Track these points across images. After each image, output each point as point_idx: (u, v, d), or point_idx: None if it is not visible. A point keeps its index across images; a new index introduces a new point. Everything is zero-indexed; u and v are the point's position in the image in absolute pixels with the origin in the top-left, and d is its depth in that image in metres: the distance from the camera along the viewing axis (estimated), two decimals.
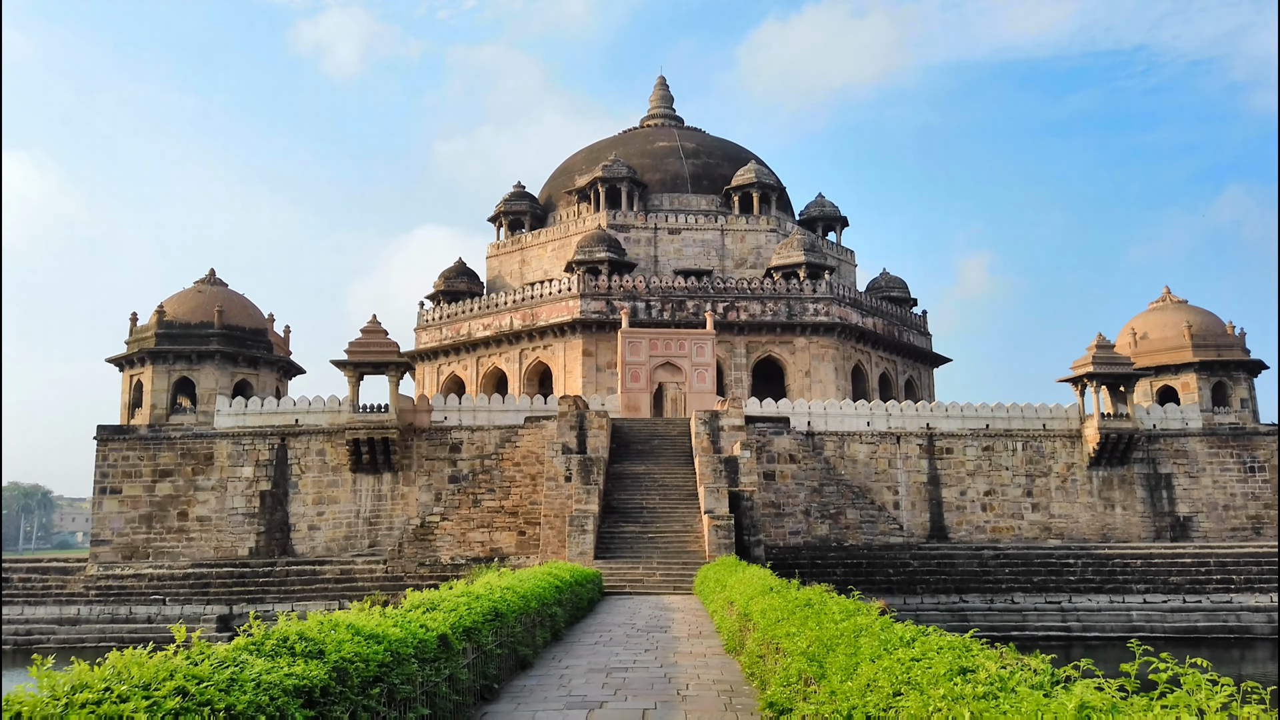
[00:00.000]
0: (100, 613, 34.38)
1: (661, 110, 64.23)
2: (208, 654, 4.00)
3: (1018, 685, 3.01)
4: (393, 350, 38.11)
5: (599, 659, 10.35)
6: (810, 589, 8.06)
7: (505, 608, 8.69)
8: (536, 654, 10.33)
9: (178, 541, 36.92)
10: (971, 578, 35.07)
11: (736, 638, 9.95)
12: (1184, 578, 34.80)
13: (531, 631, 10.17)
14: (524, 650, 9.39)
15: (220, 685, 3.54)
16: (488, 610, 7.98)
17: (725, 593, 12.45)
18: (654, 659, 10.31)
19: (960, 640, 4.09)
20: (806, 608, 7.10)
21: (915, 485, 39.71)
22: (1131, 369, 40.63)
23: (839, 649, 4.89)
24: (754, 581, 10.96)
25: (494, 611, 8.15)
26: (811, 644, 5.43)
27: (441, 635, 6.20)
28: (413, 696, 5.21)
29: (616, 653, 10.89)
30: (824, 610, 6.43)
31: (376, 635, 5.15)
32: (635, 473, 29.71)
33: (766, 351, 48.05)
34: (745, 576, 12.34)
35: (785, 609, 7.40)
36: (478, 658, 7.35)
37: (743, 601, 9.91)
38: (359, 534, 37.46)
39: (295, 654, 4.36)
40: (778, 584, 9.77)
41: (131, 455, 37.48)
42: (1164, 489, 40.57)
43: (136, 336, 39.51)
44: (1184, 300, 46.09)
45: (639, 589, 21.92)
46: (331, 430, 37.77)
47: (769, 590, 9.40)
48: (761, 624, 7.84)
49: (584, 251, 48.89)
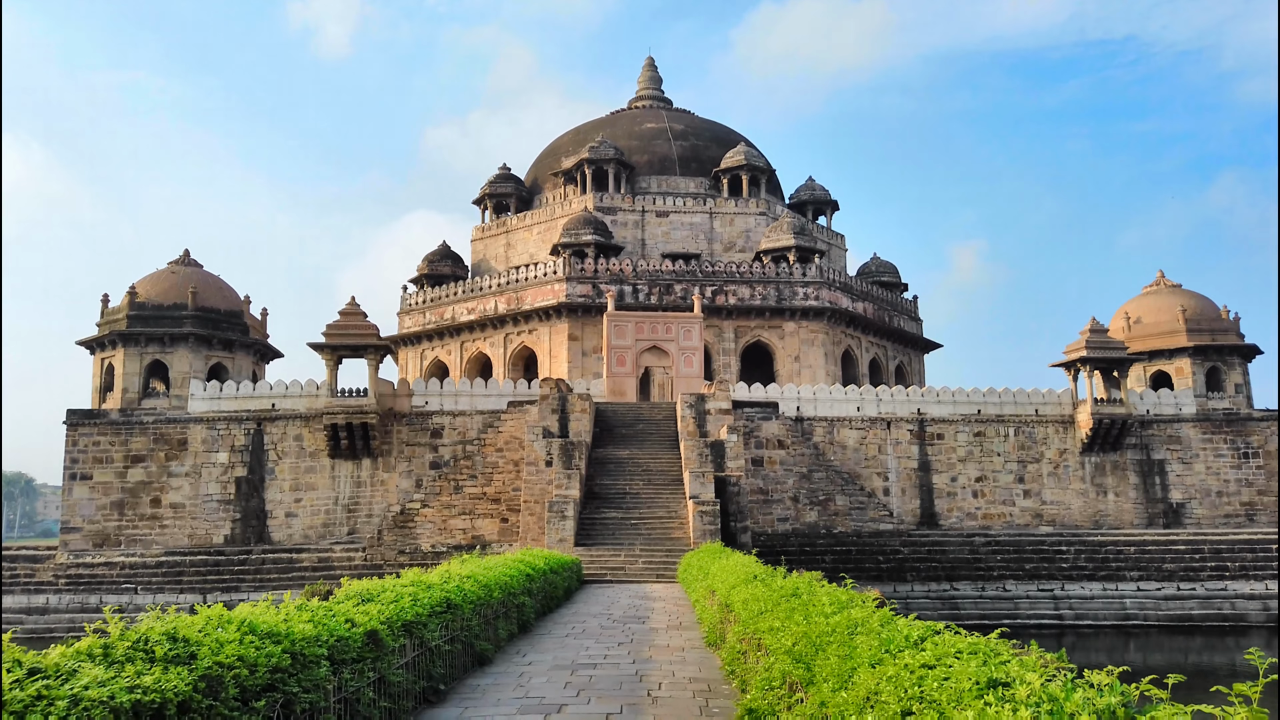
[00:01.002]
0: (70, 602, 33.41)
1: (650, 92, 63.15)
2: (28, 661, 3.12)
3: (1079, 712, 2.17)
4: (372, 333, 37.12)
5: (566, 654, 9.48)
6: (797, 577, 7.24)
7: (460, 598, 7.82)
8: (498, 649, 9.47)
9: (150, 529, 35.93)
10: (963, 565, 34.43)
11: (717, 630, 9.12)
12: (1178, 565, 34.25)
13: (492, 624, 9.31)
14: (482, 645, 8.52)
15: (16, 706, 2.66)
16: (437, 601, 7.11)
17: (707, 581, 11.63)
18: (627, 653, 9.45)
19: (983, 642, 3.25)
20: (793, 598, 6.27)
21: (906, 471, 39.02)
22: (1125, 353, 39.98)
23: (830, 649, 4.07)
24: (737, 569, 10.13)
25: (444, 603, 7.29)
26: (798, 641, 4.60)
27: (370, 631, 5.34)
28: (320, 705, 4.35)
29: (587, 647, 10.03)
30: (813, 602, 5.60)
31: (276, 633, 4.28)
32: (619, 457, 28.85)
33: (755, 336, 47.22)
34: (728, 564, 11.52)
35: (769, 599, 6.57)
36: (420, 655, 6.48)
37: (724, 591, 9.09)
38: (338, 521, 36.55)
39: (154, 659, 3.50)
40: (762, 571, 8.94)
41: (102, 440, 36.43)
42: (1157, 475, 39.99)
43: (108, 318, 38.39)
44: (1178, 284, 45.44)
45: (620, 577, 21.10)
46: (309, 415, 36.80)
47: (752, 579, 8.57)
48: (743, 616, 7.01)
49: (570, 234, 47.92)
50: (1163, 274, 46.06)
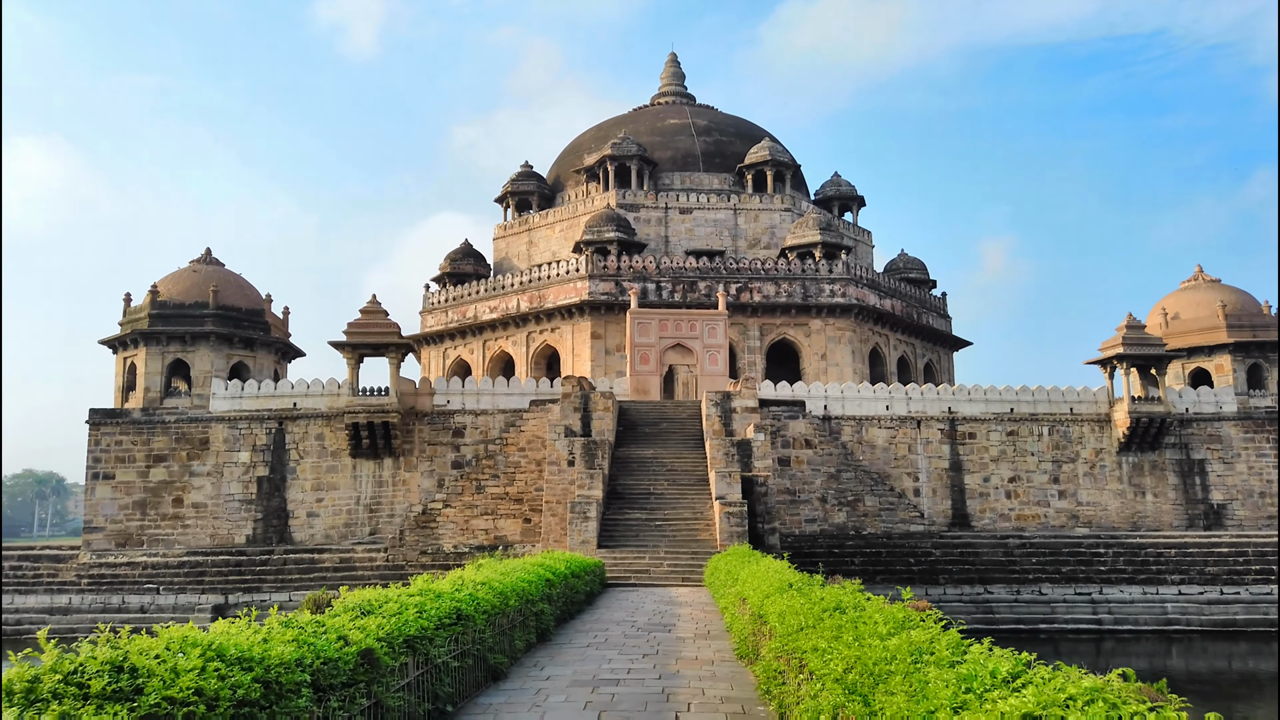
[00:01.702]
0: (92, 602, 33.26)
1: (672, 88, 62.47)
2: None
3: None
4: (393, 331, 36.73)
5: (587, 667, 8.85)
6: (838, 588, 6.60)
7: (472, 608, 7.23)
8: (514, 661, 8.87)
9: (172, 528, 35.75)
10: (996, 568, 33.48)
11: (750, 642, 8.48)
12: (1221, 568, 33.10)
13: (508, 635, 8.71)
14: (496, 659, 7.92)
15: None
16: (446, 613, 6.52)
17: (737, 587, 10.98)
18: (652, 667, 8.81)
19: (1106, 686, 2.58)
20: (837, 613, 5.62)
21: (936, 471, 38.10)
22: (1164, 350, 38.83)
23: (894, 682, 3.43)
24: (769, 575, 9.48)
25: (454, 614, 6.69)
26: (851, 668, 3.97)
27: (365, 651, 4.75)
28: None
29: (610, 659, 9.39)
30: (862, 618, 4.95)
31: (248, 658, 3.70)
32: (642, 457, 28.21)
33: (781, 334, 46.44)
34: (759, 569, 10.86)
35: (809, 613, 5.93)
36: (425, 674, 5.90)
37: (756, 599, 8.44)
38: (359, 521, 36.20)
39: (89, 695, 2.92)
40: (797, 579, 8.29)
41: (125, 440, 36.30)
42: (1197, 475, 38.82)
43: (130, 317, 38.27)
44: (1217, 279, 44.15)
45: (644, 580, 20.46)
46: (330, 414, 36.48)
47: (786, 587, 7.92)
48: (780, 630, 6.37)
49: (592, 231, 47.36)
50: (1201, 269, 44.78)
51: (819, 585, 7.65)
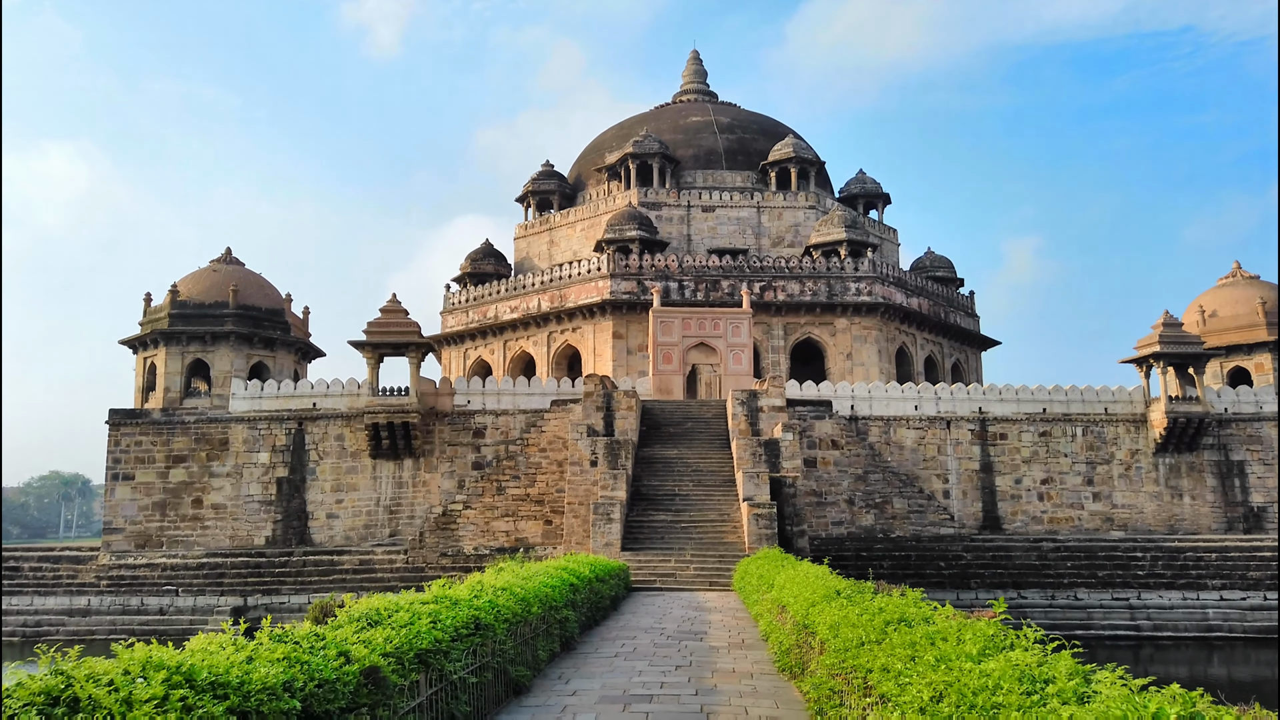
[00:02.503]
0: (111, 604, 33.01)
1: (695, 85, 61.84)
2: None
3: None
4: (413, 330, 36.29)
5: (616, 679, 8.21)
6: (896, 596, 5.94)
7: (492, 617, 6.62)
8: (537, 673, 8.25)
9: (192, 530, 35.47)
10: (1030, 571, 32.55)
11: (793, 655, 7.82)
12: (1264, 573, 31.99)
13: (530, 644, 8.09)
14: (518, 672, 7.30)
15: None
16: (464, 622, 5.92)
17: (774, 593, 10.32)
18: (687, 680, 8.16)
19: None
20: (903, 626, 4.96)
21: (966, 473, 37.20)
22: (1202, 348, 37.72)
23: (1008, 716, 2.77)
24: (810, 581, 8.81)
25: (472, 623, 6.09)
26: (942, 698, 3.32)
27: (369, 669, 4.15)
28: None
29: (639, 670, 8.74)
30: (939, 634, 4.29)
31: (225, 682, 3.11)
32: (667, 457, 27.55)
33: (806, 333, 45.65)
34: (797, 574, 10.19)
35: (869, 626, 5.27)
36: (440, 692, 5.29)
37: (799, 608, 7.78)
38: (379, 523, 35.78)
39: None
40: (844, 586, 7.62)
41: (144, 440, 36.07)
42: (1236, 477, 37.68)
43: (150, 317, 38.08)
44: (1256, 275, 42.96)
45: (670, 584, 19.80)
46: (350, 414, 36.09)
47: (833, 595, 7.25)
48: (834, 644, 5.71)
49: (614, 230, 46.79)
50: (1239, 265, 43.61)
51: (869, 593, 6.99)
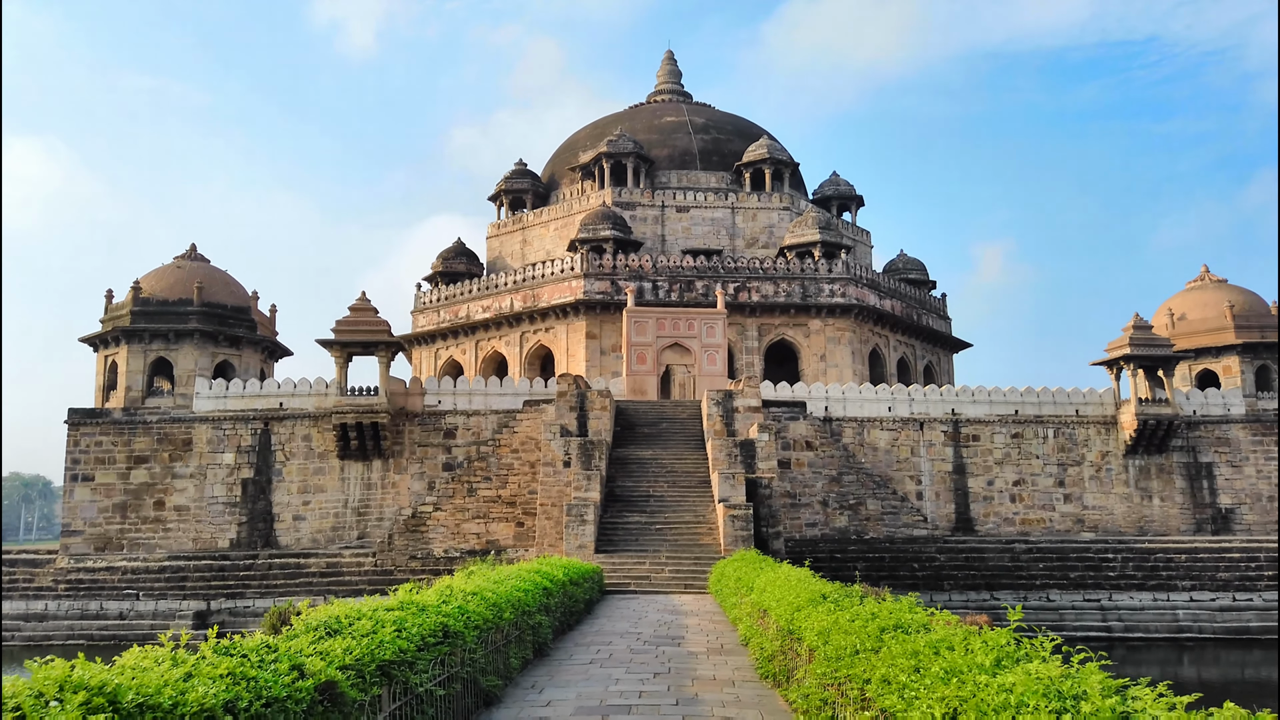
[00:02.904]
0: (69, 608, 32.15)
1: (669, 85, 61.60)
2: None
3: None
4: (383, 329, 35.69)
5: (593, 689, 7.85)
6: (890, 601, 5.66)
7: (462, 624, 6.24)
8: (510, 681, 7.87)
9: (154, 532, 34.61)
10: (1003, 573, 32.59)
11: (777, 661, 7.51)
12: (1233, 574, 32.27)
13: (502, 652, 7.71)
14: (489, 681, 6.91)
15: None
16: (431, 630, 5.54)
17: (754, 597, 10.01)
18: (666, 689, 7.83)
19: None
20: (899, 633, 4.65)
21: (939, 474, 37.21)
22: (1172, 351, 38.01)
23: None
24: (793, 585, 8.51)
25: (441, 631, 5.71)
26: (957, 713, 3.02)
27: (324, 685, 3.78)
28: None
29: (616, 678, 8.39)
30: (943, 643, 3.99)
31: (155, 705, 2.72)
32: (641, 458, 27.21)
33: (779, 334, 45.53)
34: (777, 577, 9.89)
35: (863, 633, 4.96)
36: (403, 707, 4.90)
37: (783, 613, 7.47)
38: (347, 525, 35.13)
39: None
40: (831, 590, 7.33)
41: (105, 440, 35.16)
42: (1205, 479, 38.01)
43: (111, 314, 37.14)
44: (1224, 279, 43.40)
45: (645, 587, 19.46)
46: (318, 414, 35.42)
47: (819, 599, 6.95)
48: (824, 652, 5.40)
49: (588, 229, 46.41)
50: (1207, 268, 44.05)
51: (858, 597, 6.69)
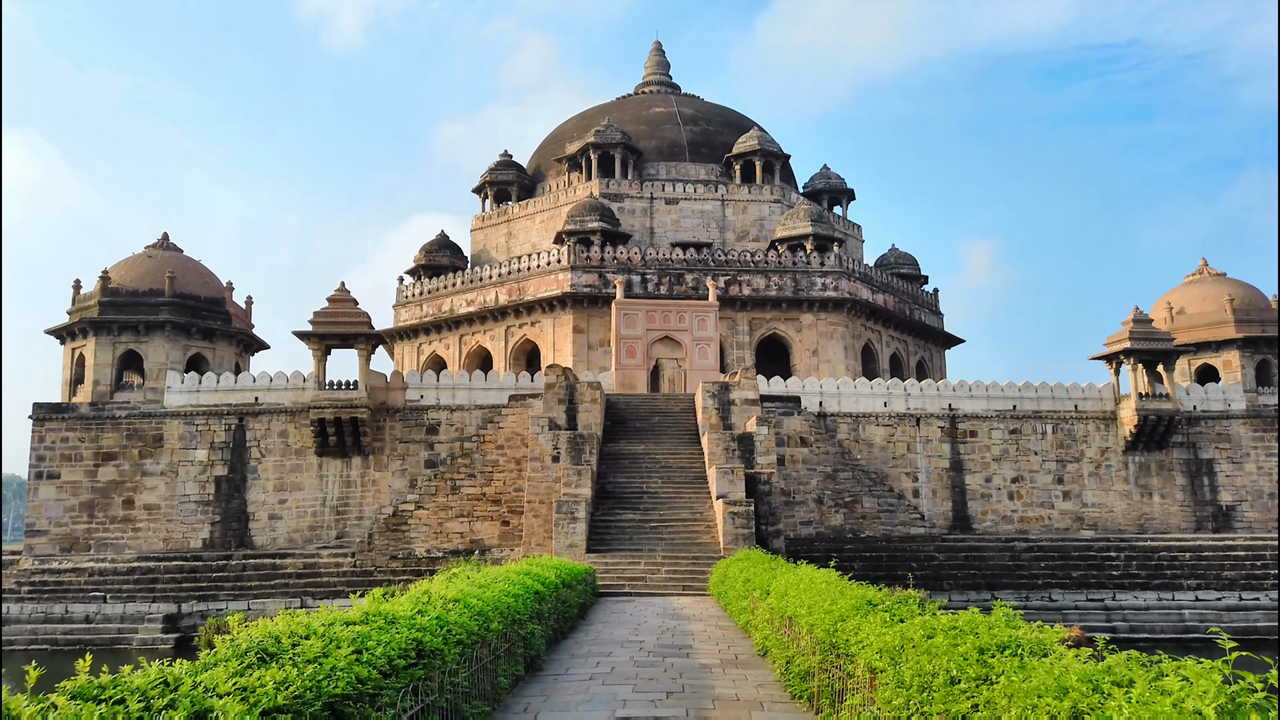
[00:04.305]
0: (33, 612, 30.65)
1: (657, 77, 60.49)
2: None
3: None
4: (363, 320, 34.39)
5: (597, 713, 6.58)
6: (973, 612, 4.58)
7: (441, 639, 5.08)
8: (498, 704, 6.67)
9: (122, 532, 33.18)
10: (1003, 572, 31.66)
11: (816, 680, 6.39)
12: (1239, 572, 31.46)
13: (489, 670, 6.53)
14: (474, 708, 5.70)
15: None
16: (400, 649, 4.39)
17: (772, 601, 8.90)
18: (684, 713, 6.60)
19: None
20: (1005, 655, 3.53)
21: (937, 471, 36.26)
22: (1172, 345, 37.22)
23: None
24: (823, 589, 7.39)
25: (413, 649, 4.55)
26: None
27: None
28: None
29: (623, 699, 7.17)
30: (1091, 676, 2.88)
31: None
32: (634, 453, 26.06)
33: (771, 329, 44.49)
34: (798, 579, 8.78)
35: (952, 654, 3.86)
36: None
37: (822, 623, 6.37)
38: (325, 524, 33.81)
39: None
40: (877, 597, 6.22)
41: (71, 436, 33.69)
42: (1205, 475, 37.23)
43: (79, 306, 35.66)
44: (1222, 273, 42.68)
45: (641, 589, 18.32)
46: (295, 409, 34.07)
47: (866, 606, 5.84)
48: (897, 677, 4.29)
49: (575, 221, 45.23)
50: (1205, 262, 43.30)
51: (914, 603, 5.59)
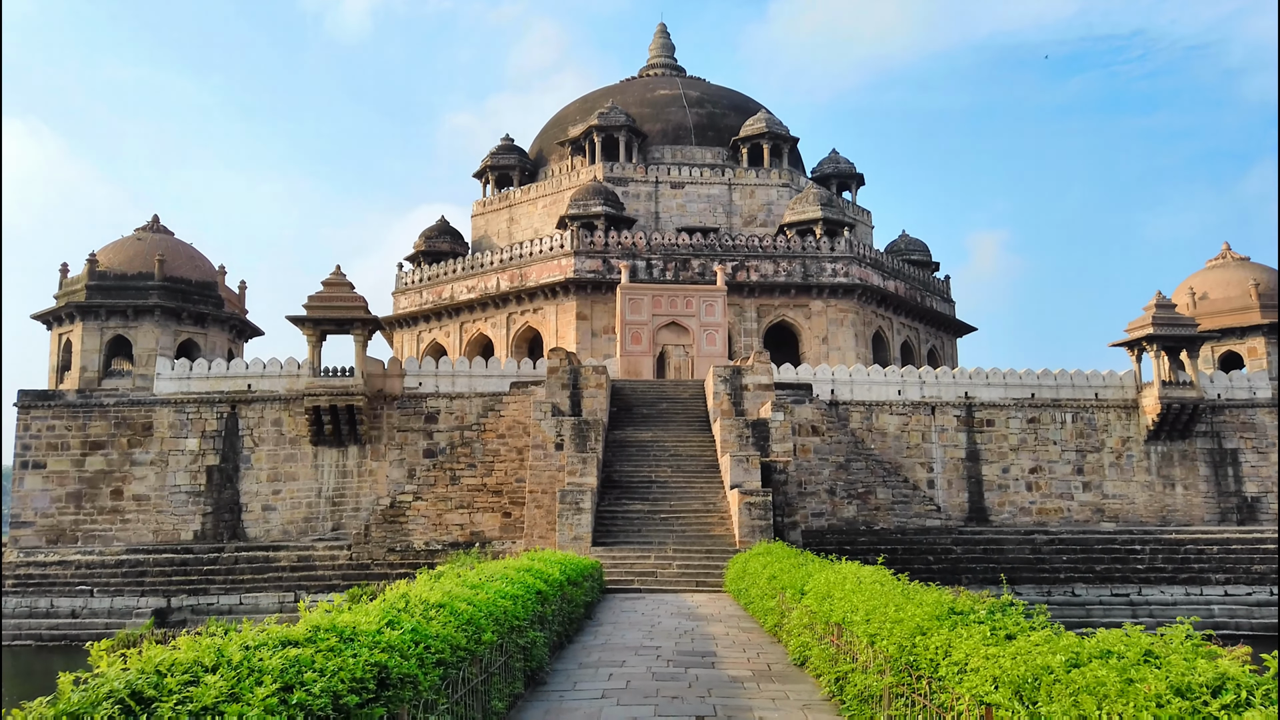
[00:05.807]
0: (17, 605, 29.60)
1: (662, 59, 59.17)
2: None
3: None
4: (359, 305, 33.21)
5: None
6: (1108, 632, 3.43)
7: (413, 662, 3.89)
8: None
9: (110, 524, 32.08)
10: (1024, 566, 30.52)
11: (890, 708, 5.23)
12: (1268, 566, 30.30)
13: (480, 694, 5.32)
14: None
15: None
16: (354, 681, 3.21)
17: (809, 603, 7.73)
18: None
19: None
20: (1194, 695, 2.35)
21: (952, 461, 35.06)
22: (1196, 330, 35.96)
23: None
24: (875, 590, 6.21)
25: (375, 678, 3.37)
26: None
27: None
28: None
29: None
30: None
31: None
32: (641, 440, 24.87)
33: (779, 315, 43.28)
34: (840, 578, 7.60)
35: (1132, 695, 2.68)
36: None
37: (892, 634, 5.20)
38: (320, 515, 32.69)
39: None
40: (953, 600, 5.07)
41: (58, 425, 32.56)
42: (1229, 466, 35.99)
43: (66, 290, 34.50)
44: (1246, 257, 41.37)
45: (651, 585, 17.16)
46: (289, 397, 32.92)
47: (949, 616, 4.68)
48: (1029, 714, 3.11)
49: (578, 205, 43.99)
50: (1228, 246, 41.98)
51: (1018, 613, 4.42)
